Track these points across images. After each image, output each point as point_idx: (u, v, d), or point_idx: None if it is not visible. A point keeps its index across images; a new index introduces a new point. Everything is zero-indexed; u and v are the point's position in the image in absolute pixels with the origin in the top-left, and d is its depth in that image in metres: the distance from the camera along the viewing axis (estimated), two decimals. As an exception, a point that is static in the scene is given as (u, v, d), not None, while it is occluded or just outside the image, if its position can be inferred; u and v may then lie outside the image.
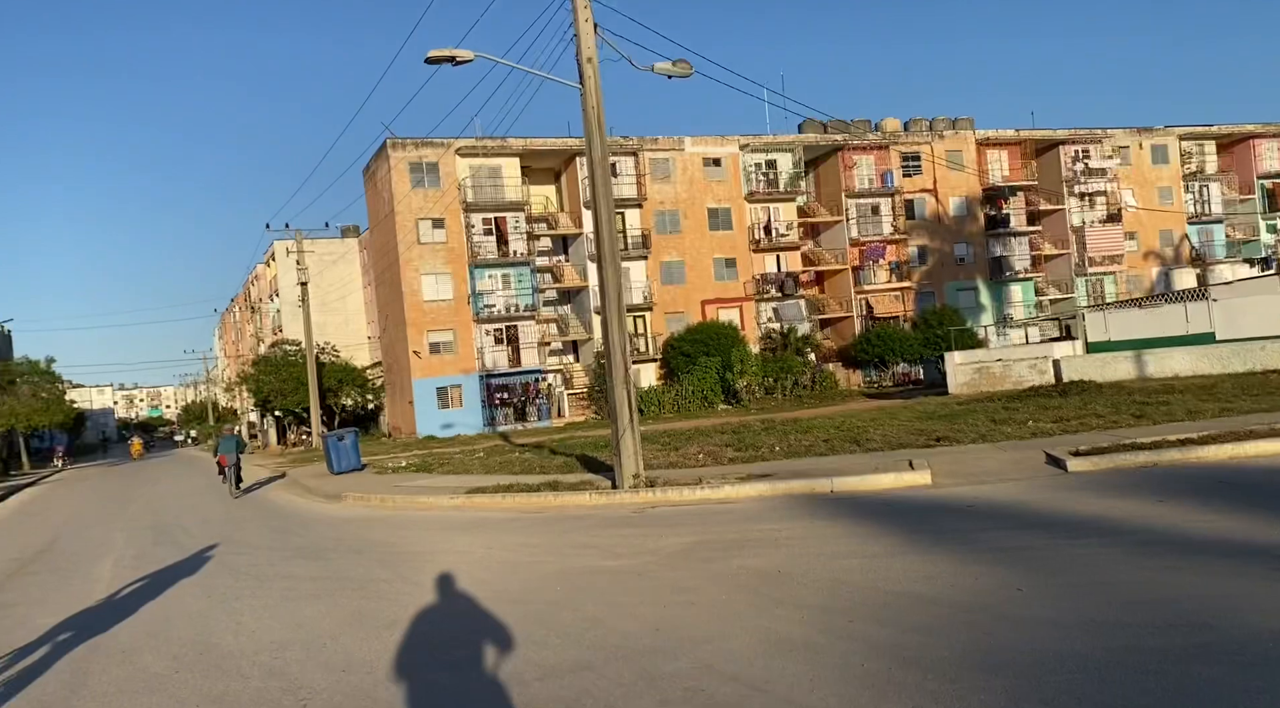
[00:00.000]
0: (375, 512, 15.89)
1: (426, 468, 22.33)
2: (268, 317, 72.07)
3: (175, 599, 9.07)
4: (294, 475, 25.82)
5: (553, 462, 19.63)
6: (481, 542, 11.02)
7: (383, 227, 46.40)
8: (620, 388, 14.55)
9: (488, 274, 45.20)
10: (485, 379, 44.62)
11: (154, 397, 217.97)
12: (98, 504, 24.43)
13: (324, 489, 20.34)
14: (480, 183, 44.91)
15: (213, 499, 21.99)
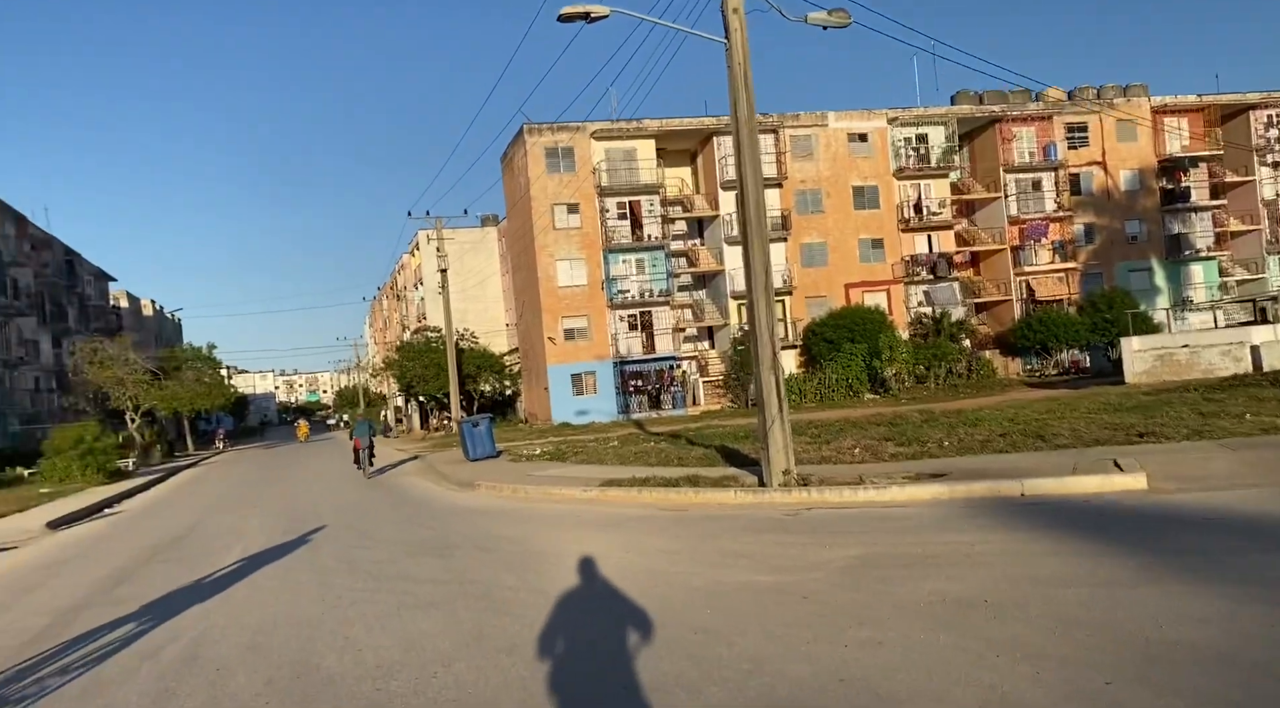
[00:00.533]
0: (507, 503, 15.03)
1: (560, 456, 21.50)
2: (412, 304, 73.88)
3: (288, 601, 8.27)
4: (431, 461, 25.56)
5: (691, 453, 18.37)
6: (617, 543, 9.84)
7: (519, 213, 46.26)
8: (768, 374, 13.11)
9: (621, 259, 44.35)
10: (619, 366, 43.86)
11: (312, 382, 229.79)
12: (244, 487, 24.83)
13: (458, 476, 19.76)
14: (615, 166, 44.05)
15: (351, 484, 21.85)
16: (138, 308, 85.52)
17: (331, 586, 8.79)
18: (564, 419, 42.09)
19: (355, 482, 22.37)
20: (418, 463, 26.83)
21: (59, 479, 28.54)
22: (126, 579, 10.44)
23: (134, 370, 40.86)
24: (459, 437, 24.22)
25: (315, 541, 12.21)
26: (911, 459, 14.14)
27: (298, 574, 9.64)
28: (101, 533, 16.25)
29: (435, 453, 29.20)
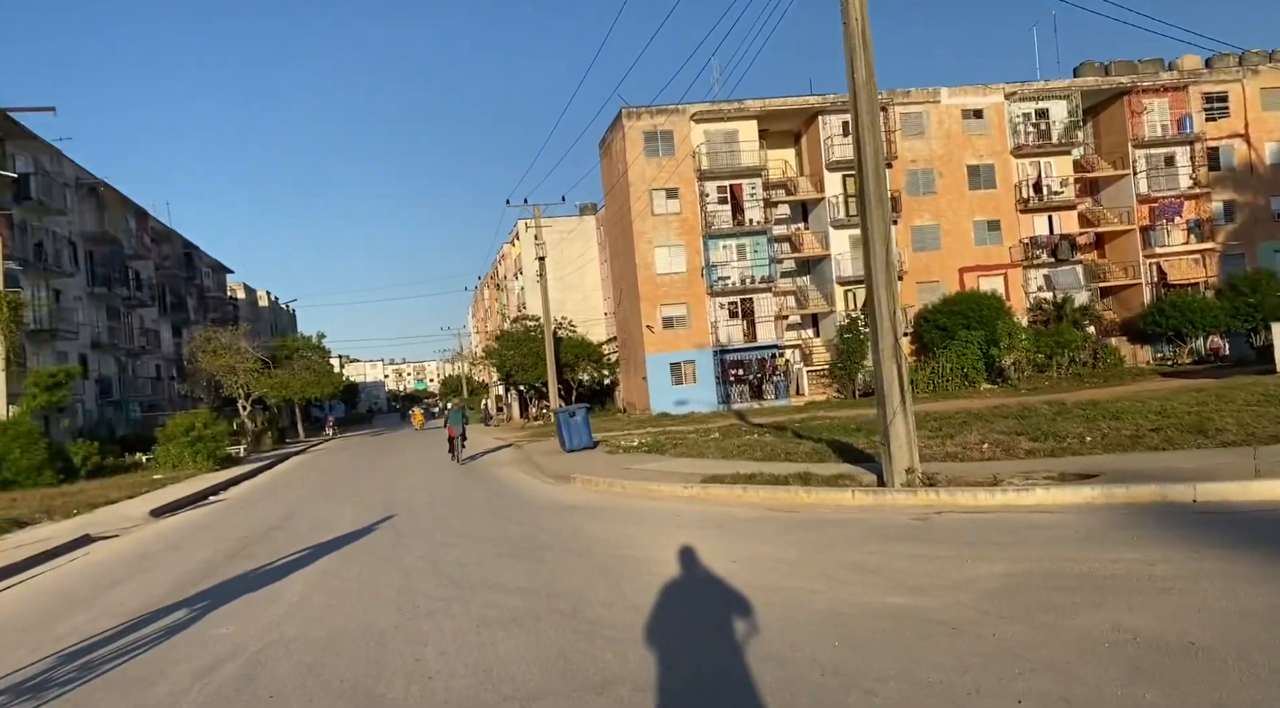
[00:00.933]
0: (602, 499, 14.17)
1: (659, 448, 20.58)
2: (512, 294, 74.28)
3: (363, 610, 7.56)
4: (528, 451, 25.02)
5: (799, 447, 17.17)
6: (723, 550, 8.82)
7: (617, 199, 45.53)
8: (889, 362, 11.86)
9: (722, 245, 43.12)
10: (719, 354, 42.70)
11: (419, 371, 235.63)
12: (345, 474, 24.78)
13: (553, 468, 19.07)
14: (715, 149, 42.82)
15: (447, 474, 21.47)
16: (254, 299, 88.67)
17: (411, 592, 8.05)
18: (663, 409, 41.24)
19: (451, 471, 21.99)
20: (514, 453, 26.38)
21: (172, 466, 29.23)
22: (209, 575, 9.99)
23: (245, 359, 41.92)
24: (555, 427, 23.59)
25: (404, 536, 11.59)
26: (1051, 457, 12.66)
27: (379, 576, 8.95)
28: (198, 522, 16.13)
29: (532, 443, 28.72)
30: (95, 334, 43.02)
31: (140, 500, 20.50)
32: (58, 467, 25.48)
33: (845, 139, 43.51)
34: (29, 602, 9.50)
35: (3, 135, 34.11)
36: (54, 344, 37.46)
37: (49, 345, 37.05)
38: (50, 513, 18.17)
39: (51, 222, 38.37)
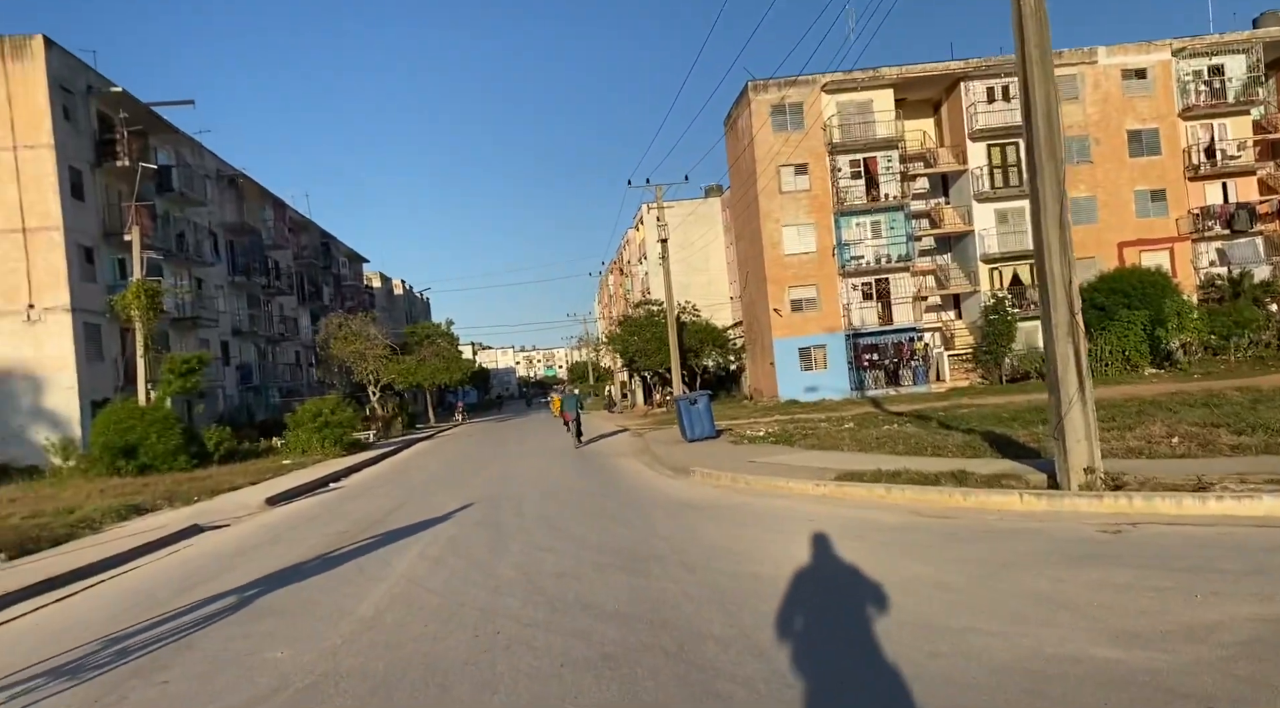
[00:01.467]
0: (723, 496, 12.77)
1: (787, 439, 18.99)
2: (636, 279, 73.56)
3: (437, 633, 6.46)
4: (647, 440, 23.84)
5: (948, 439, 15.29)
6: (868, 567, 7.30)
7: (742, 177, 43.78)
8: (1064, 341, 9.98)
9: (855, 222, 40.78)
10: (852, 338, 40.45)
11: (548, 357, 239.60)
12: (463, 462, 24.25)
13: (672, 459, 17.78)
14: (848, 121, 40.47)
15: (564, 463, 20.53)
16: (389, 287, 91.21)
17: (495, 612, 6.89)
18: (791, 396, 39.41)
19: (567, 461, 21.04)
20: (633, 442, 25.25)
21: (301, 451, 29.54)
22: (296, 577, 9.19)
23: (375, 345, 42.49)
24: (676, 415, 22.30)
25: (505, 536, 10.54)
26: (1267, 453, 10.48)
27: (465, 588, 7.85)
28: (306, 513, 15.64)
29: (653, 431, 27.55)
30: (236, 322, 44.50)
31: (262, 487, 20.42)
32: (192, 451, 25.96)
33: (990, 106, 40.43)
34: (102, 603, 8.90)
35: (145, 129, 35.31)
36: (196, 332, 38.80)
37: (191, 333, 38.38)
38: (172, 499, 18.19)
39: (193, 212, 39.70)
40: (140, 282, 26.75)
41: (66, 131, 29.77)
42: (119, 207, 32.29)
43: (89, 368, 29.64)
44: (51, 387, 28.91)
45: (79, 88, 30.94)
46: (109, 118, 32.44)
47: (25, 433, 28.40)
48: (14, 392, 28.62)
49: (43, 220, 28.76)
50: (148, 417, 25.22)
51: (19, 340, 28.70)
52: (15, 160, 28.59)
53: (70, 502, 18.26)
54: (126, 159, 31.94)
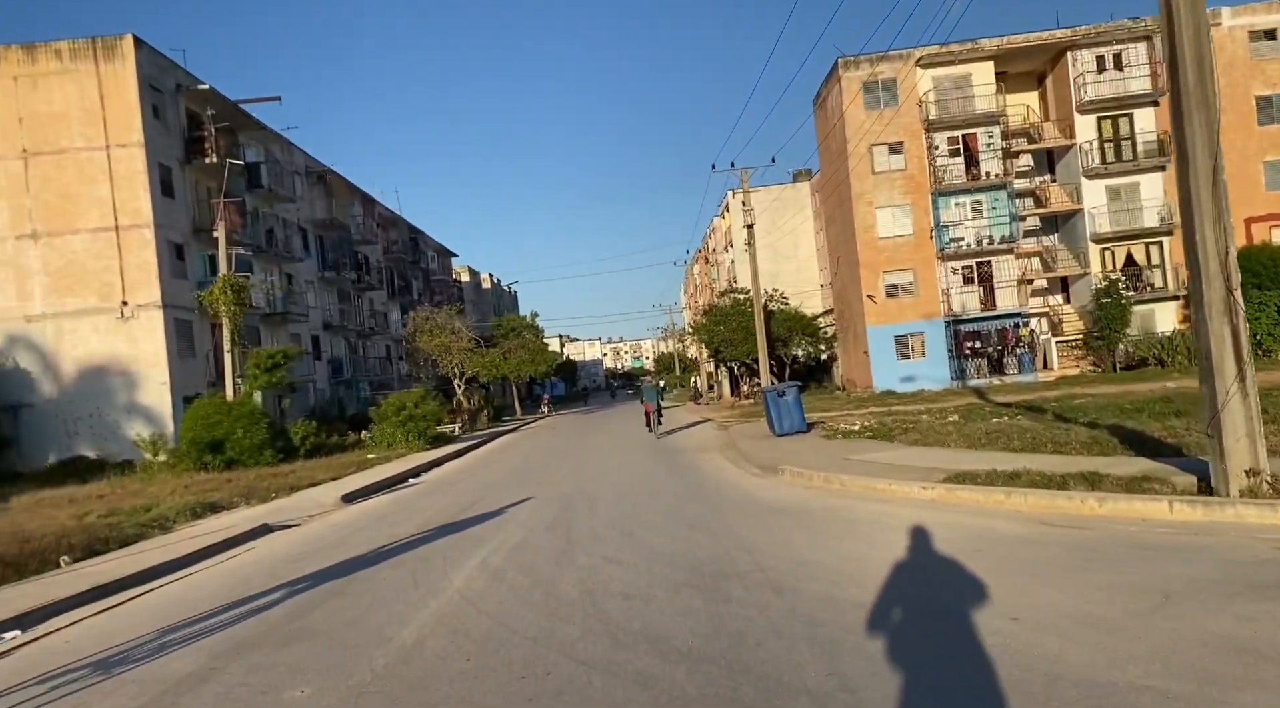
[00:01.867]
0: (816, 499, 11.57)
1: (885, 434, 17.60)
2: (722, 267, 72.20)
3: (480, 672, 5.53)
4: (733, 435, 22.69)
5: (1069, 434, 13.72)
6: (994, 591, 6.08)
7: (833, 159, 42.04)
8: (1219, 319, 8.52)
9: (954, 202, 38.66)
10: (951, 325, 38.39)
11: (635, 348, 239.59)
12: (542, 456, 23.56)
13: (759, 456, 16.62)
14: (945, 96, 38.34)
15: (644, 456, 19.60)
16: (477, 281, 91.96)
17: (550, 643, 5.92)
18: (887, 387, 37.64)
19: (648, 456, 20.10)
20: (717, 435, 24.14)
21: (386, 445, 29.38)
22: (345, 588, 8.45)
23: (460, 339, 42.36)
24: (764, 407, 21.09)
25: (574, 544, 9.61)
26: None
27: (521, 611, 6.91)
28: (378, 512, 15.05)
29: (740, 424, 26.36)
30: (326, 316, 45.00)
31: (341, 483, 20.07)
32: (278, 446, 25.95)
33: (1099, 76, 37.76)
34: (128, 621, 8.30)
35: (234, 126, 35.75)
36: (286, 326, 39.24)
37: (282, 328, 38.83)
38: (250, 496, 17.92)
39: (282, 209, 40.15)
40: (226, 277, 26.87)
41: (156, 129, 30.20)
42: (208, 203, 32.70)
43: (180, 364, 30.06)
44: (145, 383, 29.39)
45: (168, 86, 31.38)
46: (197, 115, 32.86)
47: (121, 428, 28.95)
48: (110, 388, 29.19)
49: (134, 218, 29.22)
50: (234, 412, 25.28)
51: (114, 337, 29.25)
52: (108, 159, 29.09)
53: (151, 498, 18.19)
54: (214, 156, 32.29)
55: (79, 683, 6.03)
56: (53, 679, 6.18)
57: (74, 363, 29.23)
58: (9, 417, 28.71)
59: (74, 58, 29.07)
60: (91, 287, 29.23)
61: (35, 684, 6.10)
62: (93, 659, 6.64)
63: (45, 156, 29.00)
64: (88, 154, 29.11)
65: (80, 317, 29.20)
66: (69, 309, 29.18)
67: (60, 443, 29.01)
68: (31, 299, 29.04)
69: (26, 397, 28.97)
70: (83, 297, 29.23)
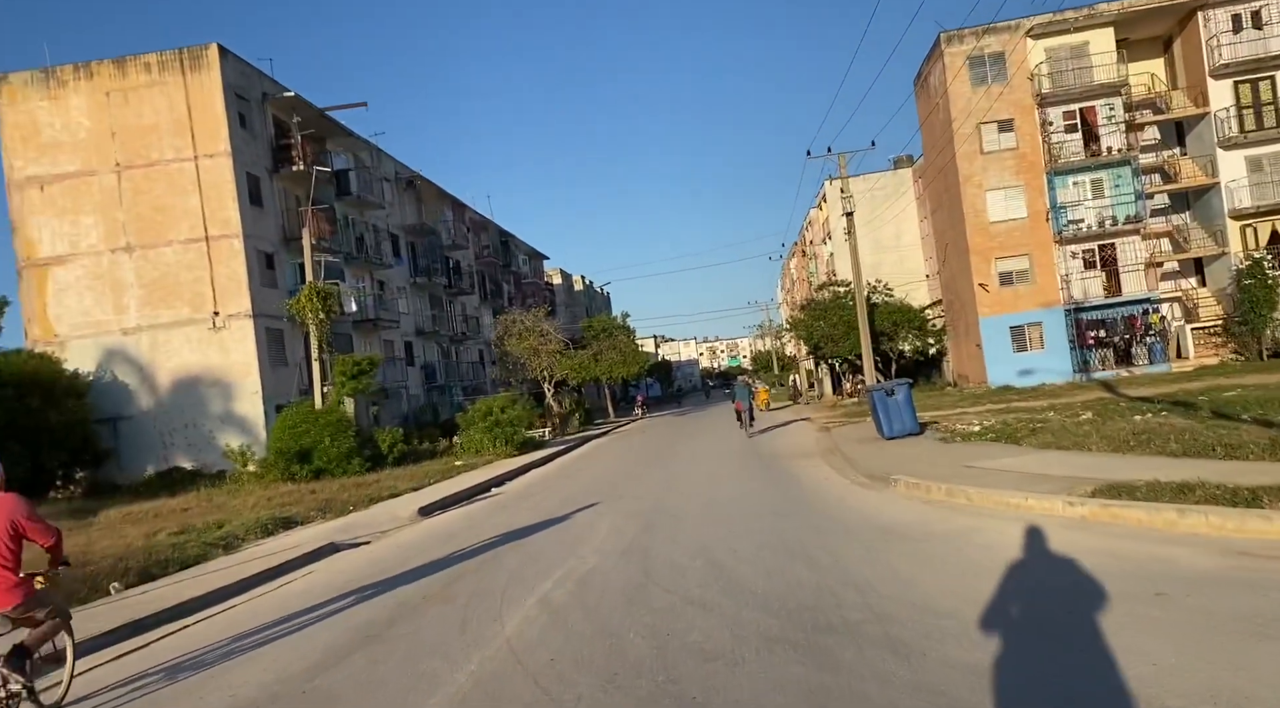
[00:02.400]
0: (938, 516, 9.89)
1: (1010, 436, 15.64)
2: (821, 261, 69.81)
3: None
4: (836, 438, 20.93)
5: (1236, 434, 11.62)
6: (1195, 663, 4.44)
7: (936, 141, 39.56)
8: None
9: (1072, 181, 35.78)
10: (1072, 313, 35.53)
11: (732, 347, 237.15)
12: (630, 464, 22.28)
13: (867, 463, 14.93)
14: (1059, 68, 35.49)
15: (736, 466, 18.08)
16: (569, 283, 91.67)
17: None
18: (1003, 381, 35.05)
19: (743, 460, 18.61)
20: (819, 438, 22.40)
21: (475, 451, 28.67)
22: (385, 630, 7.30)
23: (548, 341, 41.53)
24: (870, 409, 19.28)
25: (650, 576, 8.24)
26: None
27: (574, 674, 5.55)
28: (450, 528, 14.02)
29: (844, 426, 24.54)
30: (419, 322, 44.88)
31: (421, 494, 19.27)
32: (366, 454, 25.46)
33: (1235, 36, 34.35)
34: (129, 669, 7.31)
35: (321, 133, 35.76)
36: (378, 333, 39.13)
37: (374, 334, 38.73)
38: (327, 510, 17.21)
39: (371, 215, 40.10)
40: (312, 284, 26.55)
41: (243, 139, 30.23)
42: (297, 212, 32.66)
43: (272, 373, 30.00)
44: (238, 392, 29.41)
45: (254, 95, 31.43)
46: (284, 123, 32.87)
47: (215, 439, 29.00)
48: (204, 398, 29.31)
49: (223, 228, 29.26)
50: (321, 420, 24.86)
51: (206, 347, 29.36)
52: (197, 170, 29.23)
53: (230, 512, 17.69)
54: (301, 163, 32.22)
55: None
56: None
57: (169, 374, 29.46)
58: (108, 429, 29.11)
59: (162, 70, 29.30)
60: (184, 298, 29.41)
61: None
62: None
63: (137, 170, 29.32)
64: (178, 165, 29.31)
65: (174, 328, 29.42)
66: (163, 321, 29.43)
67: (157, 454, 29.27)
68: (127, 312, 29.39)
69: (125, 409, 29.33)
70: (175, 308, 29.44)
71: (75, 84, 29.35)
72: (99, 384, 28.99)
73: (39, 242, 29.53)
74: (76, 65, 29.42)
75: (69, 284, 29.45)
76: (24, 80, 29.46)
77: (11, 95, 29.45)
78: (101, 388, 29.05)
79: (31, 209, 29.51)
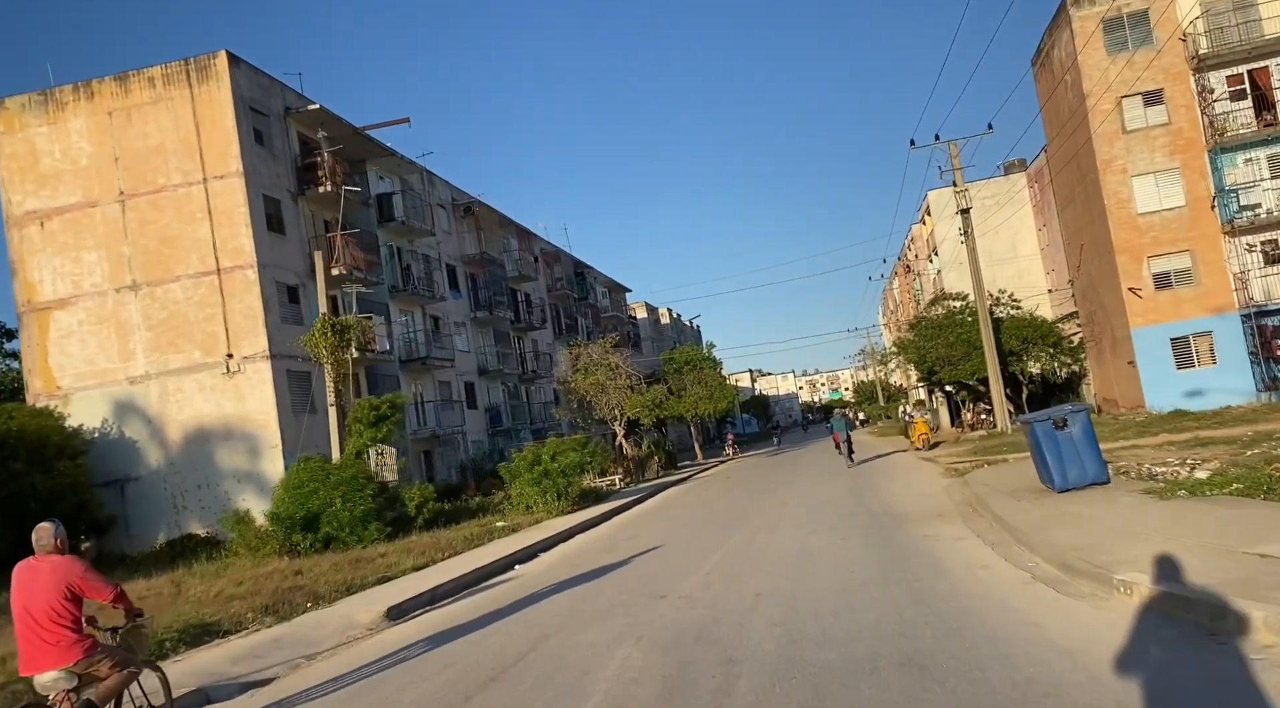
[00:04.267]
0: (1275, 681, 4.60)
1: (1255, 484, 10.03)
2: (927, 278, 63.54)
3: None
4: (974, 487, 15.37)
5: None
6: None
7: (1064, 125, 33.60)
8: None
9: (1242, 158, 29.39)
10: (1252, 319, 28.95)
11: (832, 380, 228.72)
12: (687, 532, 17.15)
13: (1045, 536, 9.53)
14: (1219, 23, 29.32)
15: (834, 533, 12.79)
16: (655, 317, 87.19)
17: None
18: (1165, 405, 28.62)
19: (848, 523, 13.31)
20: (949, 486, 16.82)
21: (526, 507, 24.08)
22: None
23: (618, 375, 36.76)
24: (1030, 448, 13.70)
25: None
26: None
27: None
28: (404, 654, 9.27)
29: (978, 467, 18.92)
30: (481, 360, 40.90)
31: (420, 577, 14.76)
32: (389, 517, 21.12)
33: None
34: None
35: (361, 155, 32.31)
36: (431, 373, 35.19)
37: (425, 375, 34.79)
38: (273, 609, 12.57)
39: (422, 244, 36.41)
40: (325, 317, 22.55)
41: (259, 157, 26.75)
42: (326, 238, 29.03)
43: (295, 422, 26.05)
44: (257, 445, 25.62)
45: (273, 108, 28.01)
46: (312, 142, 29.39)
47: (232, 500, 25.16)
48: (218, 454, 25.62)
49: (236, 258, 25.70)
50: (333, 477, 20.64)
51: (220, 395, 25.70)
52: (206, 194, 25.82)
53: (171, 609, 13.36)
54: (329, 184, 28.60)
55: None
56: None
57: (180, 427, 25.89)
58: (114, 492, 25.63)
59: (167, 83, 26.12)
60: (194, 339, 25.89)
61: None
62: None
63: (142, 197, 26.08)
64: (185, 190, 25.96)
65: (184, 374, 25.88)
66: (172, 367, 25.93)
67: (169, 520, 25.62)
68: (134, 358, 26.00)
69: (133, 469, 25.82)
70: (186, 351, 25.92)
71: (75, 105, 26.39)
72: (103, 442, 25.59)
73: (39, 283, 26.50)
74: (76, 84, 26.49)
75: (71, 329, 26.26)
76: (21, 105, 26.67)
77: (9, 122, 26.67)
78: (107, 446, 25.64)
79: (31, 248, 26.54)
